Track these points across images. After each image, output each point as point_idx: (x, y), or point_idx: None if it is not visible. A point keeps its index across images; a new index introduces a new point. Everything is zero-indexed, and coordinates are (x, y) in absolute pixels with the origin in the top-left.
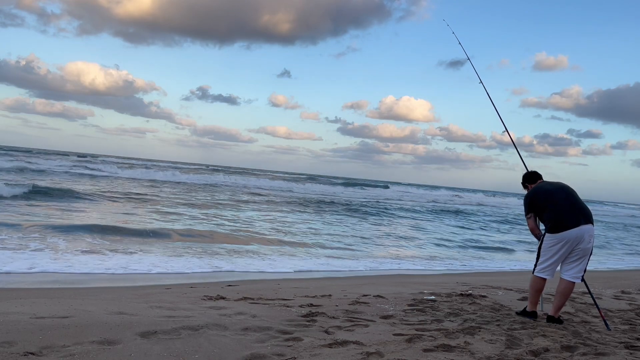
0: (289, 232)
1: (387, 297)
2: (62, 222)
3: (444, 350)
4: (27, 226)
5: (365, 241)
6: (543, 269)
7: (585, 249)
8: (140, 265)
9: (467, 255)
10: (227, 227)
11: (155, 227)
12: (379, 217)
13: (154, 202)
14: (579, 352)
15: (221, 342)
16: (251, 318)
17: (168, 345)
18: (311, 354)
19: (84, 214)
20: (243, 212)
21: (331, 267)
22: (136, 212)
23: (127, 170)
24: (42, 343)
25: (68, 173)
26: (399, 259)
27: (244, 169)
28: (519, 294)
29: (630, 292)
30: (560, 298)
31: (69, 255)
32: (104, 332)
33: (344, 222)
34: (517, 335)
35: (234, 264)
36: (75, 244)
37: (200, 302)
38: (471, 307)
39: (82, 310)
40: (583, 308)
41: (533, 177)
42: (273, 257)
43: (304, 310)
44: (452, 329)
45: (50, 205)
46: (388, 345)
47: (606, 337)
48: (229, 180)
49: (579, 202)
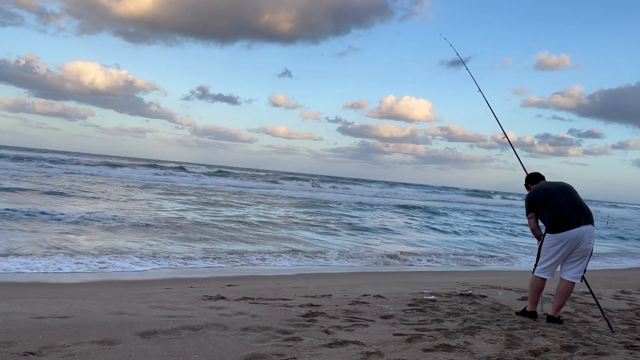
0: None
1: (387, 297)
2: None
3: (444, 350)
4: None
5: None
6: (543, 269)
7: (586, 249)
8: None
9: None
10: (226, 228)
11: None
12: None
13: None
14: (579, 352)
15: (221, 342)
16: (251, 318)
17: (168, 345)
18: (311, 353)
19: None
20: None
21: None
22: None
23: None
24: (42, 343)
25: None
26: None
27: (244, 169)
28: (519, 294)
29: (630, 292)
30: (560, 298)
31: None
32: (104, 332)
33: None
34: (517, 335)
35: (235, 264)
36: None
37: (200, 302)
38: (471, 307)
39: (82, 310)
40: (583, 308)
41: (535, 178)
42: (273, 257)
43: (304, 310)
44: (452, 329)
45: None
46: (388, 345)
47: (606, 337)
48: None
49: (580, 202)
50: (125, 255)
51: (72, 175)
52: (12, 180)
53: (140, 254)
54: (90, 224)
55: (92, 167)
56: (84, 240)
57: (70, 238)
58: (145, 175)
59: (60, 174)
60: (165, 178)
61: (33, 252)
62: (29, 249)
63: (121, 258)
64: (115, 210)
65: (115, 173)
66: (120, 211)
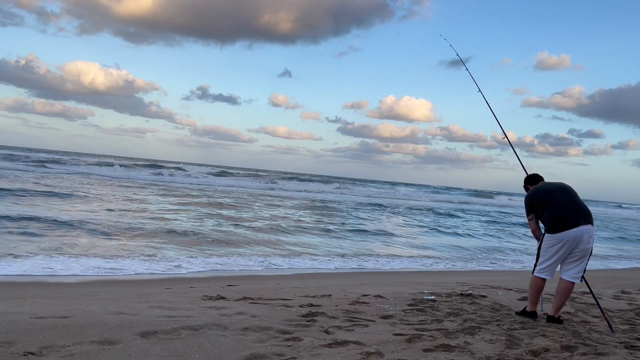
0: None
1: (387, 297)
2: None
3: (444, 350)
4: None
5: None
6: (543, 269)
7: (585, 249)
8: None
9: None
10: (228, 227)
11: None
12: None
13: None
14: (578, 352)
15: (221, 342)
16: (251, 318)
17: (168, 345)
18: (311, 354)
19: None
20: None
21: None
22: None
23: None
24: (42, 343)
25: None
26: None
27: (244, 169)
28: (519, 294)
29: (630, 292)
30: (560, 298)
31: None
32: (104, 332)
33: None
34: (517, 335)
35: (234, 263)
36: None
37: (200, 302)
38: (471, 307)
39: (82, 310)
40: (583, 308)
41: (534, 179)
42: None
43: (304, 310)
44: (452, 329)
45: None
46: (388, 345)
47: (606, 337)
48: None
49: (579, 202)
50: (126, 254)
51: (72, 176)
52: (12, 180)
53: (140, 254)
54: (90, 224)
55: (90, 167)
56: (84, 240)
57: (71, 238)
58: (149, 176)
59: (71, 175)
60: (172, 179)
61: (33, 252)
62: (28, 249)
63: (122, 258)
64: (116, 210)
65: (116, 173)
66: (120, 211)
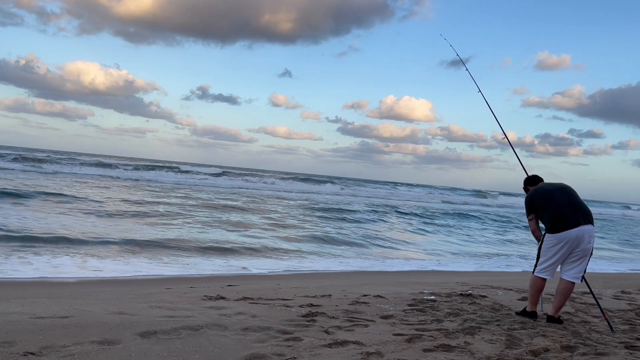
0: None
1: (387, 297)
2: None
3: (444, 350)
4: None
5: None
6: (543, 269)
7: (585, 249)
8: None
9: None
10: (228, 227)
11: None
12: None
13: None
14: (579, 352)
15: (221, 342)
16: (251, 318)
17: (168, 345)
18: (311, 354)
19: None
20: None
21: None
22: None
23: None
24: (42, 343)
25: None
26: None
27: (244, 169)
28: (519, 294)
29: (630, 292)
30: (560, 298)
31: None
32: (104, 332)
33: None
34: (517, 335)
35: (235, 263)
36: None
37: (200, 302)
38: (471, 307)
39: (82, 310)
40: (583, 308)
41: (534, 180)
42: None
43: (304, 310)
44: (452, 329)
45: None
46: (388, 345)
47: (606, 337)
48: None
49: (579, 202)
50: (125, 255)
51: (72, 176)
52: (12, 180)
53: (141, 254)
54: (91, 224)
55: (91, 167)
56: (84, 240)
57: (71, 237)
58: (149, 176)
59: (71, 175)
60: (171, 179)
61: (34, 252)
62: (30, 249)
63: (122, 258)
64: (116, 212)
65: (115, 173)
66: (121, 211)
